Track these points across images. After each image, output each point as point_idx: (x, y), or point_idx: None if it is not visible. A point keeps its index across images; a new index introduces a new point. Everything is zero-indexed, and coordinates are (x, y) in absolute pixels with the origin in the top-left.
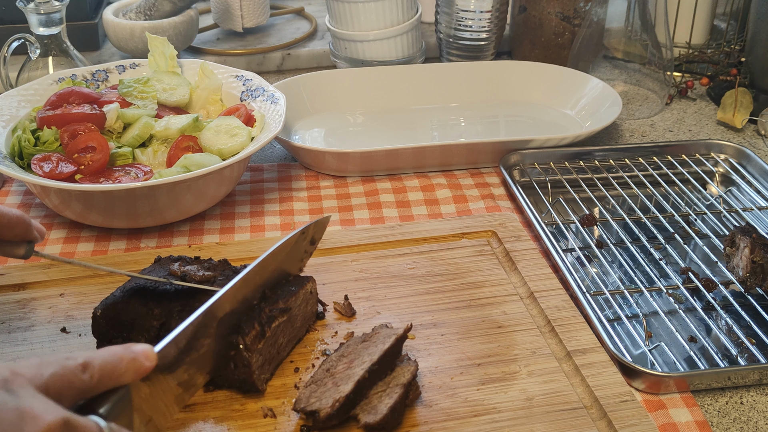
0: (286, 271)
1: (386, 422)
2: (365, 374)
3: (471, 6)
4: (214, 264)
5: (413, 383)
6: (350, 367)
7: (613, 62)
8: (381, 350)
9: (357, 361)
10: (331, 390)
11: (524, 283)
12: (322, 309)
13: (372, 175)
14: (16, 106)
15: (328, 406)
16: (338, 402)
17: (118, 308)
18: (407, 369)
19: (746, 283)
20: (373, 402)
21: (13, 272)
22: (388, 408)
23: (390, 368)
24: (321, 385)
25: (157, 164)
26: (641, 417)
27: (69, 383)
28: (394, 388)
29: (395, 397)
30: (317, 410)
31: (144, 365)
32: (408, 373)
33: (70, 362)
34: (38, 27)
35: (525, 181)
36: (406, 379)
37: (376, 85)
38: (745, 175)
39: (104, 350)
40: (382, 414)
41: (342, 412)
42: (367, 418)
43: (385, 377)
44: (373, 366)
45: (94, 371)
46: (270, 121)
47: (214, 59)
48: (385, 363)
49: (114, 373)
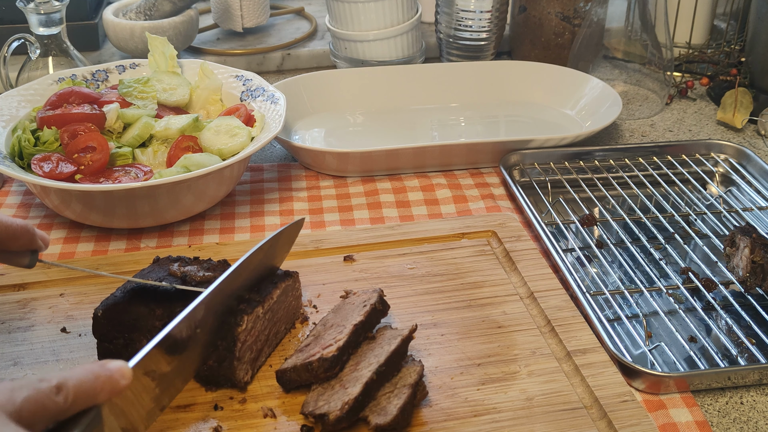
0: (264, 273)
1: (397, 423)
2: (373, 376)
3: (471, 6)
4: (214, 264)
5: (420, 383)
6: (357, 369)
7: (613, 62)
8: (387, 351)
9: (363, 362)
10: (339, 392)
11: (524, 283)
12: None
13: (372, 175)
14: (16, 106)
15: (337, 408)
16: (347, 404)
17: (120, 308)
18: (413, 369)
19: (746, 283)
20: (382, 403)
21: (13, 272)
22: (397, 409)
23: (396, 369)
24: (328, 388)
25: (157, 164)
26: (641, 417)
27: (43, 407)
28: (401, 388)
29: (404, 397)
30: (326, 413)
31: (119, 384)
32: (414, 374)
33: (44, 384)
34: (38, 27)
35: (525, 181)
36: (413, 380)
37: (376, 85)
38: (745, 175)
39: (79, 369)
40: (393, 415)
41: (351, 414)
42: (378, 420)
43: (392, 378)
44: (380, 368)
45: (69, 393)
46: (270, 121)
47: (214, 59)
48: (392, 364)
49: (89, 394)
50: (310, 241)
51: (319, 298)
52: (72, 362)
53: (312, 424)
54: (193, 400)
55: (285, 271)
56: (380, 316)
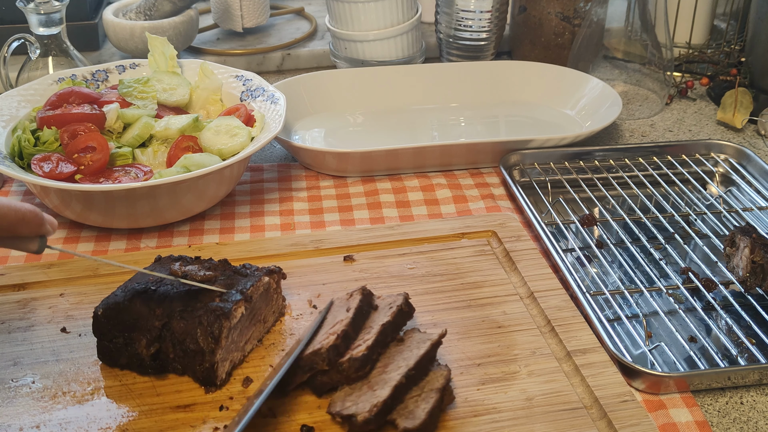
0: None
1: (425, 427)
2: (402, 379)
3: (471, 6)
4: (215, 264)
5: (447, 388)
6: (385, 371)
7: (613, 62)
8: (417, 355)
9: (392, 365)
10: (368, 394)
11: (524, 283)
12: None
13: (372, 175)
14: (16, 106)
15: (366, 410)
16: (376, 407)
17: (120, 308)
18: (440, 374)
19: (746, 283)
20: (410, 407)
21: (13, 272)
22: (426, 413)
23: (424, 373)
24: (356, 388)
25: (157, 164)
26: (641, 417)
27: None
28: (429, 392)
29: (432, 402)
30: (354, 414)
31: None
32: (442, 378)
33: None
34: (38, 27)
35: (525, 181)
36: (441, 384)
37: (376, 85)
38: (745, 175)
39: None
40: (421, 419)
41: (380, 417)
42: (406, 423)
43: (420, 382)
44: (410, 371)
45: None
46: (270, 121)
47: (214, 59)
48: (421, 368)
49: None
50: (310, 241)
51: (319, 298)
52: (72, 362)
53: (339, 424)
54: (193, 401)
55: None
56: (406, 318)
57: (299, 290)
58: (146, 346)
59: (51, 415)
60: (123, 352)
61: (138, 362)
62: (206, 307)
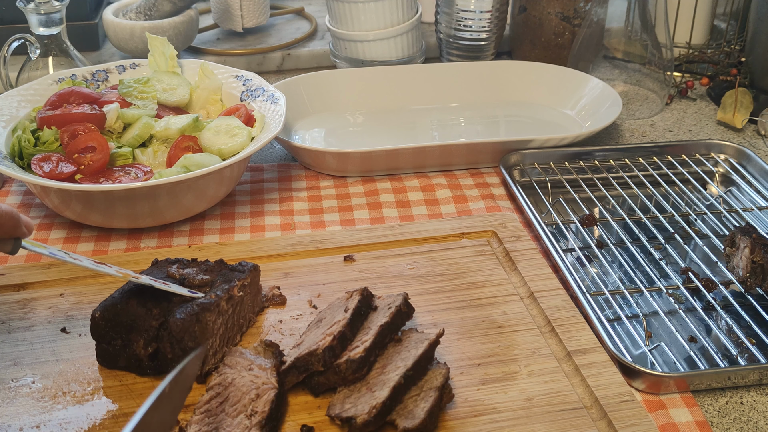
0: None
1: (425, 426)
2: (401, 380)
3: (471, 6)
4: (212, 266)
5: (446, 386)
6: (383, 372)
7: (613, 62)
8: (415, 356)
9: (390, 366)
10: (366, 396)
11: (524, 283)
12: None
13: (372, 175)
14: (16, 106)
15: (365, 412)
16: (375, 408)
17: (117, 310)
18: (439, 372)
19: (746, 283)
20: (409, 407)
21: (13, 272)
22: (425, 412)
23: (423, 373)
24: (354, 390)
25: (157, 164)
26: (641, 417)
27: None
28: (428, 392)
29: (431, 401)
30: (353, 416)
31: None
32: (440, 377)
33: None
34: (38, 27)
35: (525, 181)
36: (440, 383)
37: (376, 85)
38: (745, 175)
39: None
40: (420, 418)
41: (379, 418)
42: (406, 423)
43: (418, 381)
44: (408, 372)
45: None
46: (270, 121)
47: (214, 59)
48: (419, 368)
49: None
50: (310, 241)
51: (319, 298)
52: (72, 362)
53: (338, 426)
54: (193, 400)
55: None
56: (405, 318)
57: (299, 290)
58: (144, 346)
59: (51, 415)
60: (122, 354)
61: (137, 364)
62: (203, 304)
